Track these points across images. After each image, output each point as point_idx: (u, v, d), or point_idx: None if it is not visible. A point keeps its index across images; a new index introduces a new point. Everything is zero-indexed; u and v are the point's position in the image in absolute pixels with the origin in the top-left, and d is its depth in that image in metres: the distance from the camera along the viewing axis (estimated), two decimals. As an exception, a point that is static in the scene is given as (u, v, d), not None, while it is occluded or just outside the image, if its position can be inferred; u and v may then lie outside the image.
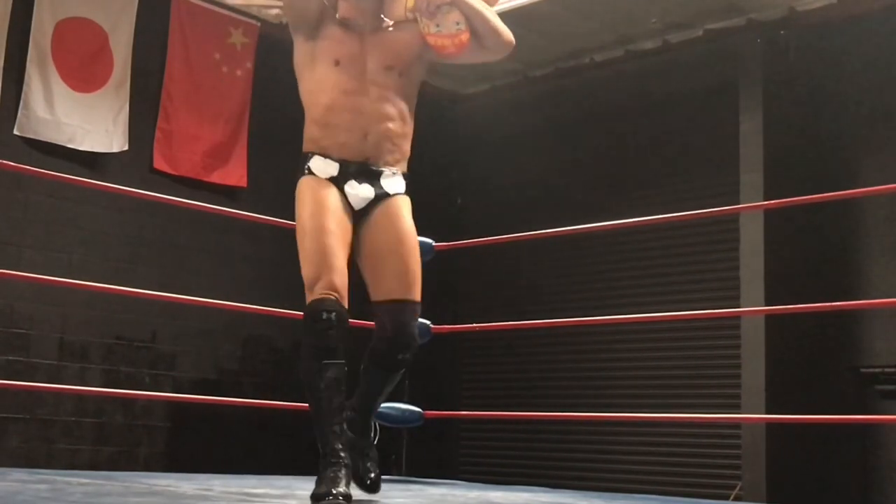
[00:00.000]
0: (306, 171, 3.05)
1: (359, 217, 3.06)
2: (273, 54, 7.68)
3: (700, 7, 7.30)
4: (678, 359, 7.65)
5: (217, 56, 7.58)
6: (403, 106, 3.11)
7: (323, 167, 3.04)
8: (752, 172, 7.13)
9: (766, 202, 6.75)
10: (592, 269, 8.30)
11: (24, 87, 6.60)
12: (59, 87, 6.76)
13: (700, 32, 7.57)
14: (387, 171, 3.08)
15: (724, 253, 7.40)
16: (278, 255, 7.46)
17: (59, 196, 6.71)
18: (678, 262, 7.79)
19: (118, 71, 7.05)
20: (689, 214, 5.44)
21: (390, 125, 3.07)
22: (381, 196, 3.07)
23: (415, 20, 3.09)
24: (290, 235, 3.06)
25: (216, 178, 7.48)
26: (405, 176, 3.14)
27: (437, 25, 3.06)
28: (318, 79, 3.06)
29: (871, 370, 6.94)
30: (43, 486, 3.03)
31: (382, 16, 3.10)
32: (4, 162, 4.37)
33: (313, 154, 3.06)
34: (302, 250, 2.96)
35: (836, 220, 7.23)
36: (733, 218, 7.14)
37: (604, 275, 8.21)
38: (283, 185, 7.18)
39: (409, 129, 3.16)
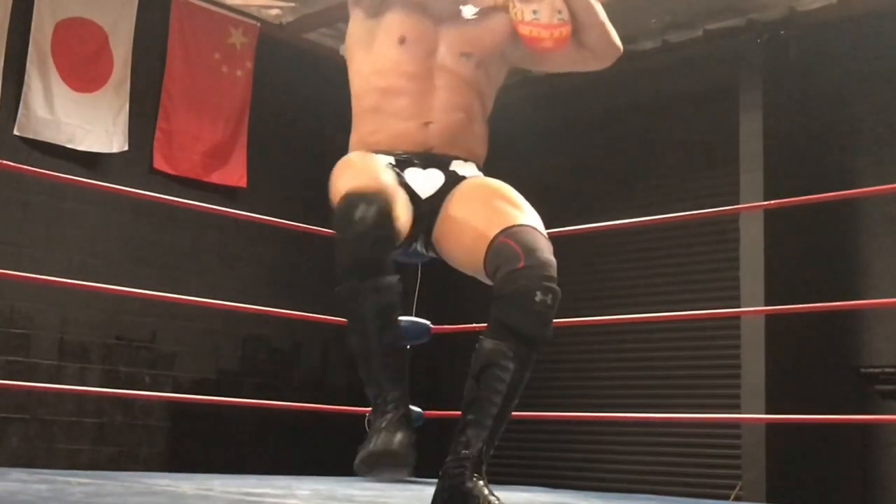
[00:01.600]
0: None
1: (427, 207, 2.37)
2: (273, 54, 7.68)
3: (700, 7, 7.29)
4: (678, 359, 7.64)
5: (217, 56, 7.58)
6: (477, 102, 2.51)
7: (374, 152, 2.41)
8: (752, 172, 7.12)
9: (766, 202, 6.74)
10: (592, 269, 8.29)
11: (24, 87, 6.60)
12: (59, 87, 6.76)
13: (700, 32, 7.56)
14: (457, 161, 2.43)
15: (724, 253, 7.39)
16: (278, 255, 7.47)
17: (59, 196, 6.71)
18: (678, 262, 7.78)
19: (118, 71, 7.05)
20: (689, 214, 5.45)
21: (461, 114, 2.45)
22: (455, 180, 2.41)
23: (505, 8, 2.59)
24: (289, 235, 3.05)
25: (216, 178, 7.47)
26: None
27: (535, 12, 2.52)
28: (374, 58, 2.47)
29: (871, 370, 6.93)
30: (43, 486, 3.03)
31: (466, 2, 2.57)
32: (4, 162, 4.37)
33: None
34: (336, 194, 2.25)
35: (836, 220, 7.22)
36: (733, 218, 7.14)
37: (603, 275, 8.21)
38: (283, 185, 7.20)
39: (484, 130, 2.55)
